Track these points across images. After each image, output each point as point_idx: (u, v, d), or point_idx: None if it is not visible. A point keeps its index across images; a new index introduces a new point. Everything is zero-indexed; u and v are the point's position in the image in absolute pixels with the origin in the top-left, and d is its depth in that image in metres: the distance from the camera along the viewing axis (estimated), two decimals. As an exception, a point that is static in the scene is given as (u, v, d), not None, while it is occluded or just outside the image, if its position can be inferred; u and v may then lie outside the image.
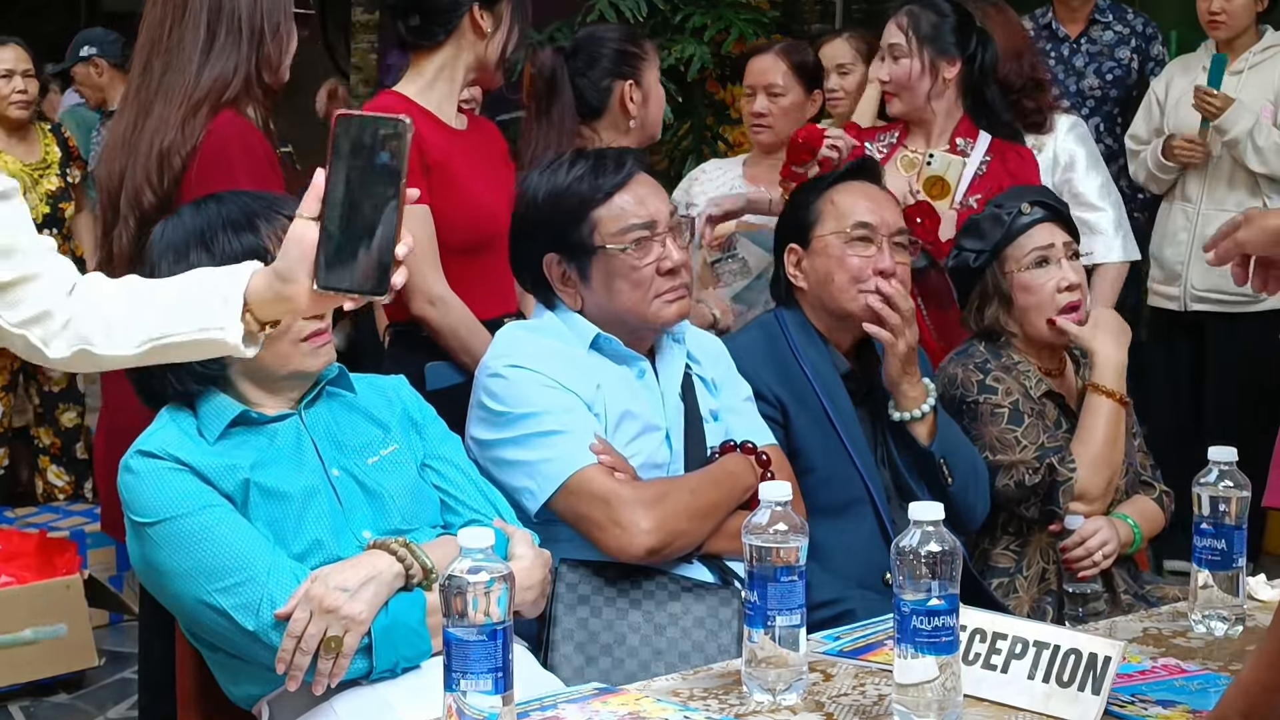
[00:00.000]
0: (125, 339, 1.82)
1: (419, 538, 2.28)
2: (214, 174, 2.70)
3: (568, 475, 2.48)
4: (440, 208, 3.13)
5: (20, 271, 1.82)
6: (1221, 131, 4.67)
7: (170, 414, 2.28)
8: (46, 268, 1.85)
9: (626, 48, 3.72)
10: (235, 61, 2.80)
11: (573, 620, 2.45)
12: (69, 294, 1.85)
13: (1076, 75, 5.10)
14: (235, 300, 1.78)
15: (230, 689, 2.28)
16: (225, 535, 2.17)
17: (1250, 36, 4.87)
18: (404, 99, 3.23)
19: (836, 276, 2.88)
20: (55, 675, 4.43)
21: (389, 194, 1.70)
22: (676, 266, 2.61)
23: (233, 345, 1.79)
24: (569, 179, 2.65)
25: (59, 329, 1.83)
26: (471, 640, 1.75)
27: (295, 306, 1.77)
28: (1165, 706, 1.96)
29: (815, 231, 2.91)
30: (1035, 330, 3.06)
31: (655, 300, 2.61)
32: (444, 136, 3.20)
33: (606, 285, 2.62)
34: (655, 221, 2.62)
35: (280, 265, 1.75)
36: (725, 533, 2.57)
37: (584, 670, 2.40)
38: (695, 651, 2.45)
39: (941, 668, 1.87)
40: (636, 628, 2.47)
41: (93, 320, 1.83)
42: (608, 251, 2.61)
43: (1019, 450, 2.97)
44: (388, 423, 2.41)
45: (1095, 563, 2.93)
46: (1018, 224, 3.06)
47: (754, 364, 2.84)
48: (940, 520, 1.88)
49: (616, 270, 2.61)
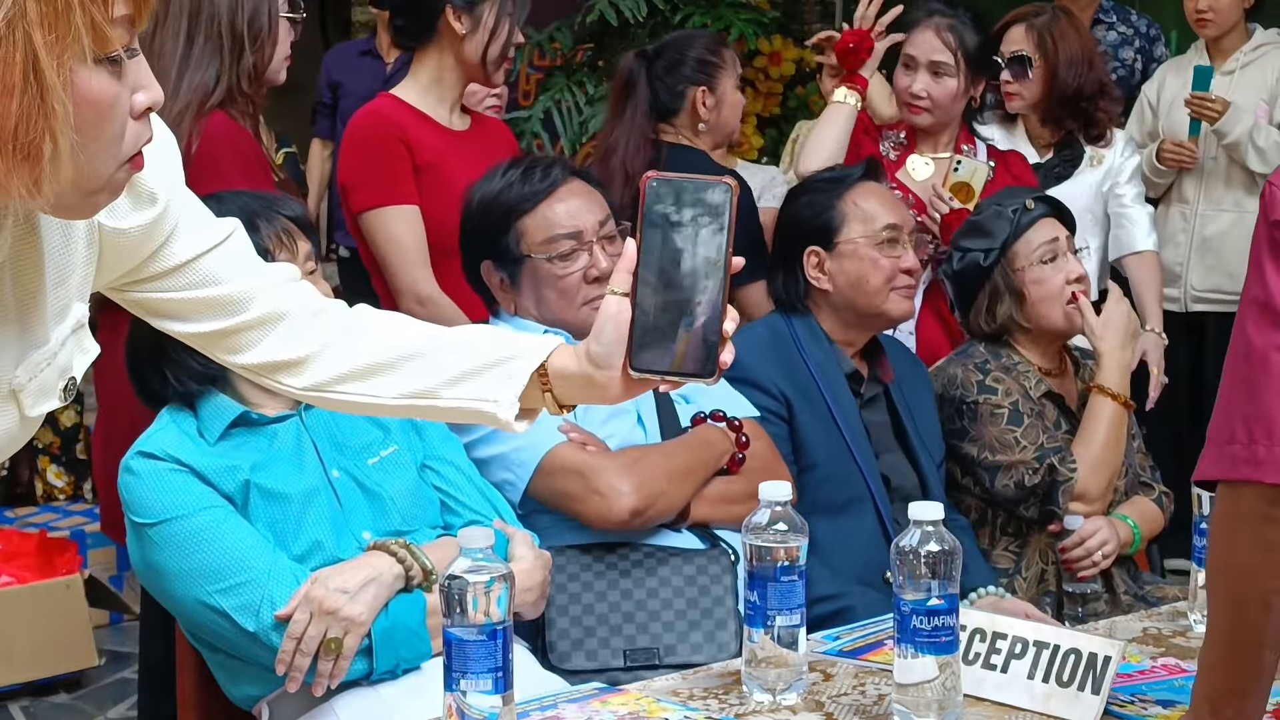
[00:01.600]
0: (386, 386, 1.62)
1: (419, 539, 2.28)
2: (204, 177, 2.70)
3: (540, 456, 2.50)
4: (431, 208, 3.15)
5: (244, 319, 1.60)
6: (1221, 135, 4.67)
7: (170, 415, 2.28)
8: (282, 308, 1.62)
9: (706, 56, 3.78)
10: (216, 70, 2.80)
11: (565, 597, 2.46)
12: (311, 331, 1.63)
13: None
14: (520, 378, 1.58)
15: (230, 690, 2.28)
16: (225, 536, 2.17)
17: (1239, 35, 4.86)
18: (397, 100, 3.25)
19: (871, 279, 2.90)
20: (55, 675, 4.43)
21: (714, 262, 1.50)
22: (604, 275, 2.60)
23: (504, 422, 1.59)
24: (499, 186, 2.67)
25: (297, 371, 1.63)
26: (471, 640, 1.75)
27: (607, 394, 1.55)
28: (1165, 706, 1.96)
29: (842, 235, 2.91)
30: (1049, 322, 3.07)
31: (584, 307, 2.62)
32: (438, 137, 3.21)
33: (535, 293, 2.65)
34: (581, 231, 2.64)
35: (595, 349, 1.53)
36: (708, 498, 2.59)
37: (584, 642, 2.42)
38: (691, 608, 2.46)
39: (941, 667, 1.87)
40: (629, 594, 2.48)
41: (353, 362, 1.62)
42: (534, 260, 2.63)
43: (1018, 451, 2.97)
44: (388, 424, 2.40)
45: (1095, 563, 2.93)
46: (1024, 220, 3.07)
47: (760, 359, 2.84)
48: (940, 520, 1.88)
49: (543, 279, 2.64)
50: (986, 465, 2.99)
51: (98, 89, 1.26)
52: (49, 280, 1.41)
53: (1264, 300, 1.53)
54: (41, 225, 1.39)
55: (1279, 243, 1.53)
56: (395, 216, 3.13)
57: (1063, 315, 3.06)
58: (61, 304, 1.43)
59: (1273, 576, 1.55)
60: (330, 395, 1.64)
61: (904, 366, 3.06)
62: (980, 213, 3.18)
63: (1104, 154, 4.12)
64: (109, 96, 1.27)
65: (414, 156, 3.16)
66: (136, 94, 1.30)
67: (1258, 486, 1.52)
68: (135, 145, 1.32)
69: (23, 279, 1.39)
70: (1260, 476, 1.52)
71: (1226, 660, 1.63)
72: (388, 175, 3.15)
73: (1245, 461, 1.53)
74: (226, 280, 1.58)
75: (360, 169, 3.21)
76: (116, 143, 1.30)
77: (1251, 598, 1.58)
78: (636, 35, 5.59)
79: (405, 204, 3.15)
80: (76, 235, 1.43)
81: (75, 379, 1.47)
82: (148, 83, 1.31)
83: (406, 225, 3.13)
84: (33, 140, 1.22)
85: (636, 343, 1.51)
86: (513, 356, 1.59)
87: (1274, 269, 1.53)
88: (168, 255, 1.54)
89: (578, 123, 5.53)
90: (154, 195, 1.49)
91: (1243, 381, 1.54)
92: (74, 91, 1.24)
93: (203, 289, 1.57)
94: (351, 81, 5.51)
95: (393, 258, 3.13)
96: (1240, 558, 1.57)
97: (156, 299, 1.57)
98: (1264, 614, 1.58)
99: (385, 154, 3.16)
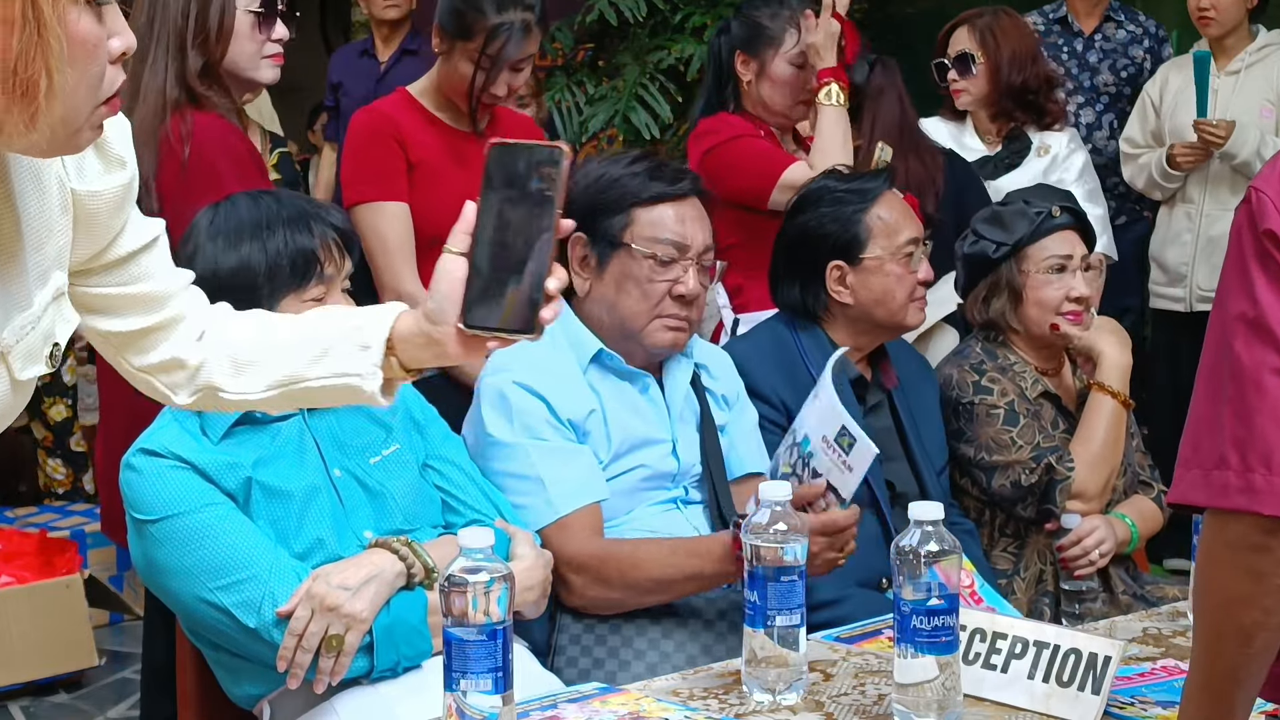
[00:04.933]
0: (253, 380, 1.69)
1: (420, 537, 2.28)
2: (200, 179, 2.70)
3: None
4: (420, 206, 3.16)
5: (160, 318, 1.68)
6: (1230, 157, 4.68)
7: (173, 412, 2.28)
8: (184, 311, 1.70)
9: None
10: (171, 70, 2.81)
11: (579, 626, 2.49)
12: (199, 339, 1.71)
13: (1090, 71, 5.10)
14: (377, 346, 1.64)
15: (231, 688, 2.28)
16: (227, 533, 2.17)
17: (1242, 35, 4.86)
18: (406, 97, 3.28)
19: (897, 295, 2.89)
20: (55, 675, 4.44)
21: (542, 226, 1.57)
22: (690, 296, 2.59)
23: (369, 394, 1.65)
24: (624, 170, 2.63)
25: (187, 378, 1.70)
26: (471, 640, 1.75)
27: (445, 351, 1.61)
28: (1165, 707, 1.96)
29: (867, 251, 2.89)
30: (1037, 330, 3.06)
31: (656, 320, 2.59)
32: (434, 135, 3.22)
33: (618, 284, 2.60)
34: (687, 245, 2.59)
35: (431, 306, 1.60)
36: None
37: (590, 674, 2.42)
38: (703, 655, 2.45)
39: (941, 667, 1.87)
40: (643, 629, 2.48)
41: (221, 363, 1.70)
42: (632, 251, 2.59)
43: (1014, 451, 2.96)
44: (390, 423, 2.40)
45: (1091, 562, 2.93)
46: (1045, 225, 3.04)
47: (760, 368, 2.84)
48: (940, 520, 1.89)
49: (632, 274, 2.59)
50: (983, 466, 2.99)
51: (85, 28, 1.35)
52: (28, 243, 1.47)
53: (1254, 317, 1.45)
54: (15, 189, 1.45)
55: (1269, 254, 1.45)
56: (382, 212, 3.13)
57: (1049, 329, 3.04)
58: (41, 269, 1.49)
59: (1257, 609, 1.47)
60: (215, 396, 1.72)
61: (913, 371, 3.06)
62: (1007, 203, 3.16)
63: (1050, 144, 4.18)
64: (95, 36, 1.36)
65: (407, 154, 3.17)
66: (112, 39, 1.39)
67: (1253, 517, 1.44)
68: (111, 88, 1.41)
69: (1, 239, 1.45)
70: (1258, 507, 1.44)
71: (1200, 696, 1.57)
72: (377, 172, 3.17)
73: (1240, 490, 1.45)
74: (156, 277, 1.67)
75: (352, 165, 3.25)
76: (99, 83, 1.39)
77: (1231, 631, 1.51)
78: (636, 35, 5.60)
79: (393, 201, 3.16)
80: (50, 199, 1.49)
81: (59, 345, 1.53)
82: (122, 30, 1.40)
83: (393, 222, 3.13)
84: (31, 76, 1.30)
85: (470, 300, 1.58)
86: (362, 326, 1.66)
87: (1265, 283, 1.45)
88: (121, 244, 1.61)
89: (578, 123, 5.53)
90: (123, 160, 1.56)
91: (1231, 403, 1.47)
92: (66, 29, 1.32)
93: (138, 284, 1.65)
94: (349, 82, 5.53)
95: (377, 253, 3.14)
96: (1226, 589, 1.49)
97: (98, 293, 1.63)
98: (1242, 649, 1.51)
99: (377, 151, 3.18)
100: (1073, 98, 5.02)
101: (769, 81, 3.63)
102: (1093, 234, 3.15)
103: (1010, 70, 4.12)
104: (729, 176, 3.28)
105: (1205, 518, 1.52)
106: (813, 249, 2.92)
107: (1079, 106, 5.05)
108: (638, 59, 5.57)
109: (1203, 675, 1.57)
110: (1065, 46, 5.10)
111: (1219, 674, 1.54)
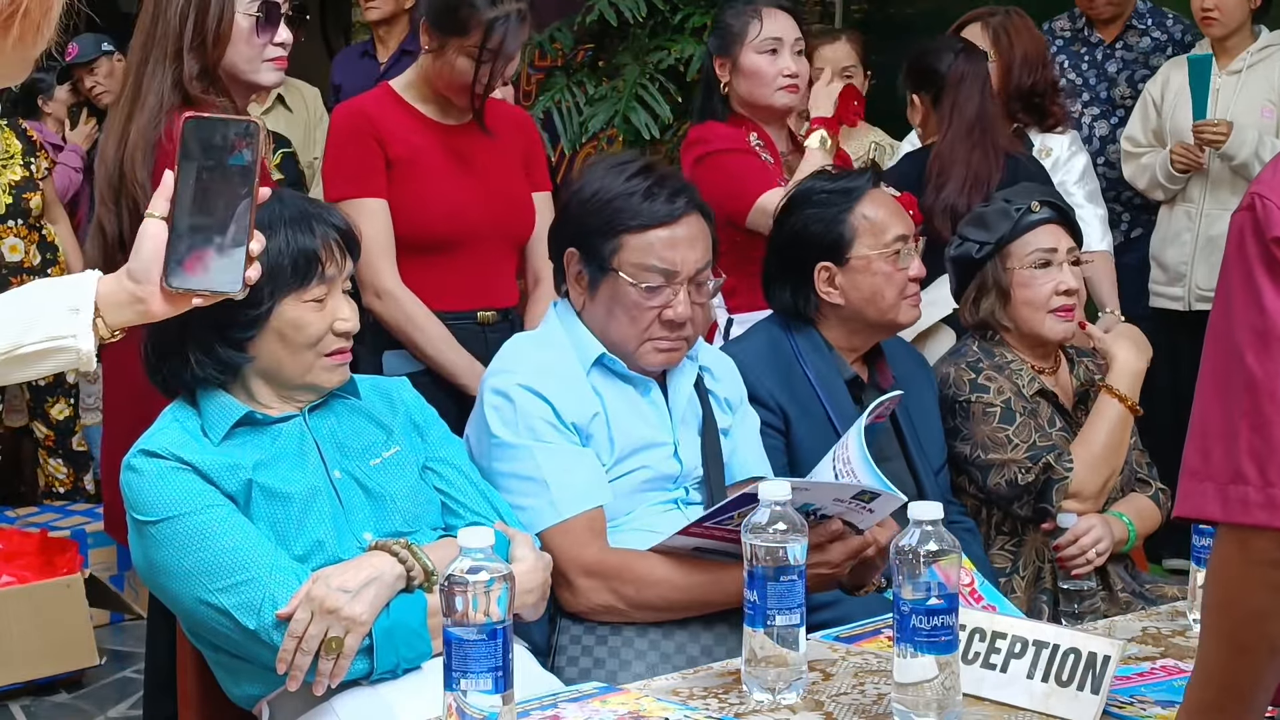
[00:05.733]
0: None
1: (420, 540, 2.28)
2: None
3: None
4: (399, 203, 3.17)
5: None
6: (1229, 158, 4.68)
7: (174, 413, 2.28)
8: None
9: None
10: (170, 75, 2.81)
11: (580, 626, 2.49)
12: None
13: (1109, 81, 5.08)
14: (86, 308, 1.75)
15: (231, 689, 2.28)
16: (227, 535, 2.17)
17: (1245, 35, 4.86)
18: (388, 92, 3.29)
19: (886, 293, 2.88)
20: (55, 675, 4.44)
21: (241, 193, 1.74)
22: (679, 320, 2.56)
23: (85, 354, 1.75)
24: (621, 188, 2.57)
25: None
26: (471, 640, 1.75)
27: (148, 308, 1.77)
28: (1164, 707, 1.96)
29: (853, 250, 2.88)
30: (1028, 327, 3.06)
31: (646, 343, 2.58)
32: (417, 132, 3.22)
33: (608, 307, 2.58)
34: (676, 272, 2.55)
35: (133, 265, 1.76)
36: None
37: (590, 673, 2.42)
38: (704, 656, 2.45)
39: (941, 667, 1.87)
40: (644, 630, 2.48)
41: None
42: (619, 277, 2.57)
43: (1010, 449, 2.97)
44: (390, 425, 2.41)
45: (1088, 560, 2.93)
46: (1025, 221, 3.05)
47: (757, 370, 2.84)
48: (940, 520, 1.89)
49: (621, 299, 2.57)
50: (979, 464, 3.00)
51: None
52: None
53: (1263, 328, 1.43)
54: None
55: (1278, 262, 1.43)
56: (361, 209, 3.12)
57: (1045, 323, 3.04)
58: None
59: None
60: None
61: (910, 369, 3.06)
62: (989, 204, 3.18)
63: (1051, 146, 4.19)
64: None
65: (386, 150, 3.18)
66: None
67: (1275, 533, 1.43)
68: None
69: None
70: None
71: (1221, 700, 1.56)
72: (355, 169, 3.18)
73: (1261, 505, 1.43)
74: None
75: (331, 161, 3.27)
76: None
77: (1258, 643, 1.50)
78: (636, 35, 5.60)
79: (371, 197, 3.16)
80: None
81: None
82: None
83: (371, 218, 3.13)
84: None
85: (172, 261, 1.74)
86: (67, 292, 1.76)
87: (1274, 292, 1.43)
88: None
89: (578, 123, 5.53)
90: None
91: (1246, 416, 1.45)
92: None
93: None
94: (349, 83, 5.53)
95: None
96: (1250, 604, 1.48)
97: None
98: (1270, 659, 1.51)
99: (355, 148, 3.19)
100: (1089, 108, 5.02)
101: (743, 76, 3.65)
102: (1079, 229, 3.15)
103: (1021, 71, 4.13)
104: (709, 191, 3.32)
105: (1221, 532, 1.50)
106: (800, 251, 2.92)
107: (1094, 118, 5.05)
108: (638, 59, 5.57)
109: (1226, 679, 1.55)
110: (1085, 56, 5.09)
111: (1245, 682, 1.53)
